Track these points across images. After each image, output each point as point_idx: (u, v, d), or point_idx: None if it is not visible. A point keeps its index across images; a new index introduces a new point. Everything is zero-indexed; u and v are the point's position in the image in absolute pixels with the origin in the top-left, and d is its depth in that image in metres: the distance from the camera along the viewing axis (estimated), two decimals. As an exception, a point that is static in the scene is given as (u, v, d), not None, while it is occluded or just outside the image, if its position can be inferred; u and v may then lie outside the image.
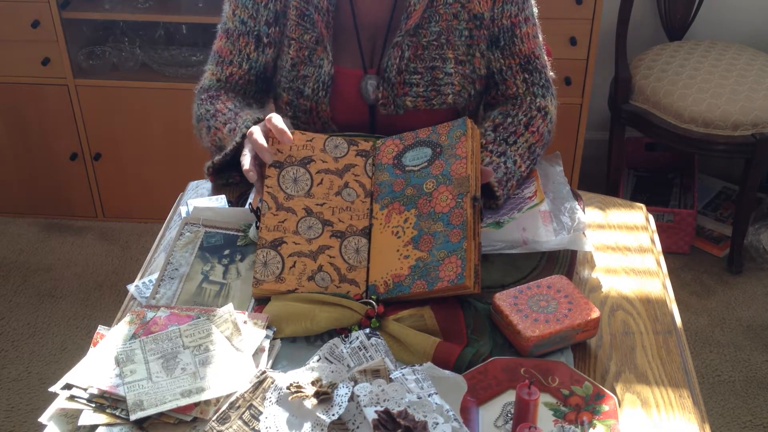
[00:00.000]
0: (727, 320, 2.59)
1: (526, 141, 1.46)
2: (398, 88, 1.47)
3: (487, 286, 1.26)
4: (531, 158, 1.46)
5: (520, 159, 1.43)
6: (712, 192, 3.06)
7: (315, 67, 1.49)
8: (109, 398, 1.05)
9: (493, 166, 1.38)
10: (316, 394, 0.97)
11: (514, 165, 1.42)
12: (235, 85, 1.55)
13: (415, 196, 1.28)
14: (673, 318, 1.26)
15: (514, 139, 1.45)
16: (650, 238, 1.44)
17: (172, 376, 1.07)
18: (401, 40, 1.45)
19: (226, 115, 1.46)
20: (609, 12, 2.75)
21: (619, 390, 1.13)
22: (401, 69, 1.46)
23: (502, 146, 1.43)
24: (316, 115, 1.51)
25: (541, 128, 1.49)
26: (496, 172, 1.37)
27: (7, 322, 2.60)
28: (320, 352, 1.07)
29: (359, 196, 1.31)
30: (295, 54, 1.50)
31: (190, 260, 1.29)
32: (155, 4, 2.71)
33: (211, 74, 1.58)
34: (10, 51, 2.72)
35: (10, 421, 2.26)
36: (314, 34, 1.47)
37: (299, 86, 1.51)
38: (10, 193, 3.00)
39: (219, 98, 1.52)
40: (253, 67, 1.54)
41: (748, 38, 2.95)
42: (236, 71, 1.54)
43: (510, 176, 1.40)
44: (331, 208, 1.28)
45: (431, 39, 1.46)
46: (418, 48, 1.46)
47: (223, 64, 1.55)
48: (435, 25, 1.46)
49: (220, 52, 1.56)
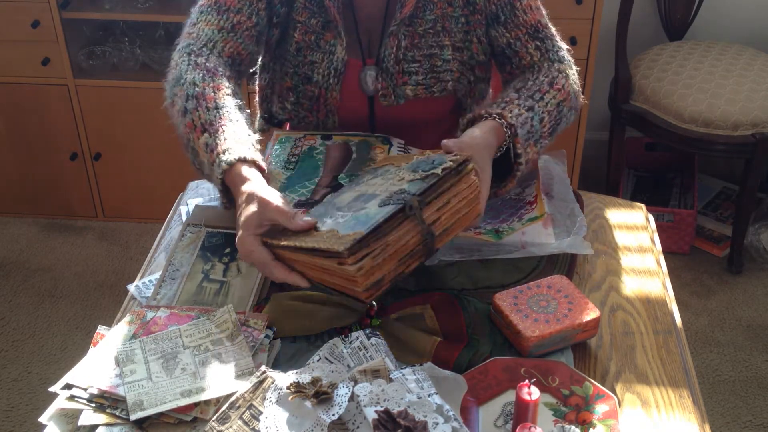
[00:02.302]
0: (727, 320, 2.59)
1: (553, 97, 1.39)
2: (397, 78, 1.46)
3: (487, 286, 1.26)
4: (558, 118, 1.39)
5: (547, 116, 1.36)
6: (712, 192, 3.05)
7: (324, 53, 1.46)
8: (109, 398, 1.05)
9: (521, 120, 1.30)
10: (316, 394, 0.97)
11: (540, 123, 1.35)
12: (239, 38, 1.41)
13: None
14: (673, 318, 1.26)
15: (540, 96, 1.38)
16: (650, 238, 1.44)
17: (172, 376, 1.07)
18: (397, 29, 1.44)
19: (210, 114, 1.28)
20: (609, 12, 2.75)
21: (619, 390, 1.13)
22: (399, 58, 1.45)
23: (529, 101, 1.36)
24: (323, 102, 1.49)
25: (566, 87, 1.42)
26: (522, 128, 1.30)
27: (7, 322, 2.60)
28: (320, 352, 1.07)
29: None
30: (301, 38, 1.47)
31: (191, 260, 1.29)
32: (155, 4, 2.71)
33: (207, 24, 1.41)
34: (10, 51, 2.72)
35: (10, 421, 2.26)
36: (321, 19, 1.45)
37: (307, 72, 1.48)
38: (10, 193, 3.00)
39: (212, 76, 1.33)
40: (258, 25, 1.43)
41: (748, 38, 2.95)
42: (245, 21, 1.41)
43: (533, 135, 1.33)
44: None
45: (427, 27, 1.45)
46: (415, 36, 1.45)
47: (229, 12, 1.41)
48: (430, 13, 1.45)
49: (223, 2, 1.41)
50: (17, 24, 2.66)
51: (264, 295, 1.24)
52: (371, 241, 1.02)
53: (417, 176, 1.12)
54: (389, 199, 1.08)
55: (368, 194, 1.14)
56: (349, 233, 1.03)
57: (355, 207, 1.12)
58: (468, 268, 1.29)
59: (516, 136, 1.28)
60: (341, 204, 1.16)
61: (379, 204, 1.08)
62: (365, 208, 1.09)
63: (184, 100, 1.30)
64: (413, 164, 1.17)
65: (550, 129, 1.37)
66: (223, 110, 1.28)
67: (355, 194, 1.17)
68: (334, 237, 1.05)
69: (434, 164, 1.13)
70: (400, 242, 1.06)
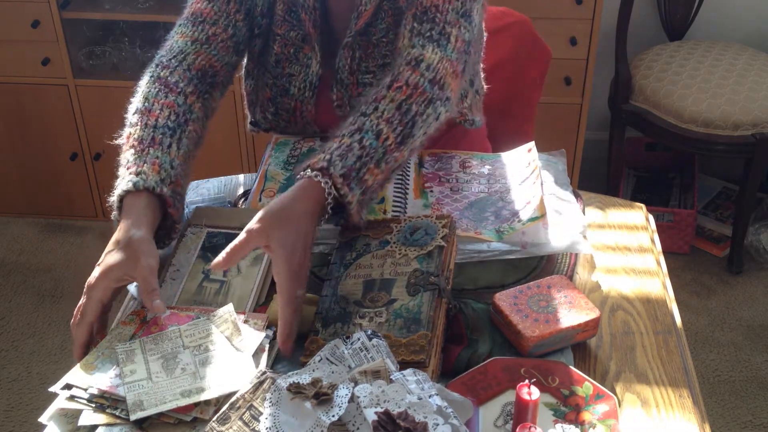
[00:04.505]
0: (727, 320, 2.59)
1: (391, 100, 1.21)
2: (352, 89, 1.44)
3: (487, 286, 1.26)
4: (408, 120, 1.21)
5: (387, 126, 1.18)
6: (712, 192, 3.06)
7: (302, 66, 1.46)
8: (109, 398, 1.05)
9: (338, 153, 1.15)
10: (316, 395, 0.97)
11: (378, 138, 1.17)
12: (213, 50, 1.37)
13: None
14: (673, 318, 1.26)
15: (374, 106, 1.21)
16: (650, 238, 1.44)
17: (172, 376, 1.07)
18: (351, 40, 1.41)
19: (145, 131, 1.24)
20: (609, 12, 2.75)
21: (619, 390, 1.13)
22: (353, 69, 1.43)
23: (360, 120, 1.20)
24: (300, 115, 1.49)
25: (411, 80, 1.24)
26: (342, 161, 1.14)
27: (7, 322, 2.60)
28: (321, 352, 1.07)
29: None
30: (280, 50, 1.46)
31: (192, 260, 1.29)
32: (155, 4, 2.71)
33: (182, 36, 1.38)
34: (10, 51, 2.72)
35: (10, 421, 2.26)
36: (300, 32, 1.44)
37: (284, 84, 1.47)
38: (10, 193, 3.00)
39: (168, 92, 1.29)
40: (236, 36, 1.40)
41: (748, 38, 2.95)
42: (220, 33, 1.38)
43: (371, 157, 1.17)
44: None
45: (380, 36, 1.42)
46: (369, 47, 1.43)
47: (205, 23, 1.37)
48: (382, 21, 1.41)
49: (199, 13, 1.38)
50: (17, 24, 2.66)
51: (264, 297, 1.24)
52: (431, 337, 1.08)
53: (421, 251, 1.17)
54: (416, 285, 1.13)
55: (381, 280, 1.16)
56: (412, 336, 1.07)
57: (378, 298, 1.14)
58: (468, 268, 1.29)
59: (330, 176, 1.14)
60: (354, 296, 1.15)
61: (408, 291, 1.13)
62: (395, 299, 1.12)
63: (132, 112, 1.29)
64: (405, 238, 1.20)
65: (399, 137, 1.20)
66: (158, 131, 1.25)
67: (361, 281, 1.17)
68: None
69: (428, 233, 1.19)
70: (441, 320, 1.12)
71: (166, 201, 1.20)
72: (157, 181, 1.18)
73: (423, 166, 1.48)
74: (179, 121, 1.28)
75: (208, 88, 1.38)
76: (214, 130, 1.44)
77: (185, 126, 1.29)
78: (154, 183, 1.18)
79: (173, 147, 1.24)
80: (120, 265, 1.11)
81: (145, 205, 1.17)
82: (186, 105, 1.31)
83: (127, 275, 1.11)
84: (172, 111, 1.28)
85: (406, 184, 1.42)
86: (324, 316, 1.13)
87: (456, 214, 1.36)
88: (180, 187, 1.24)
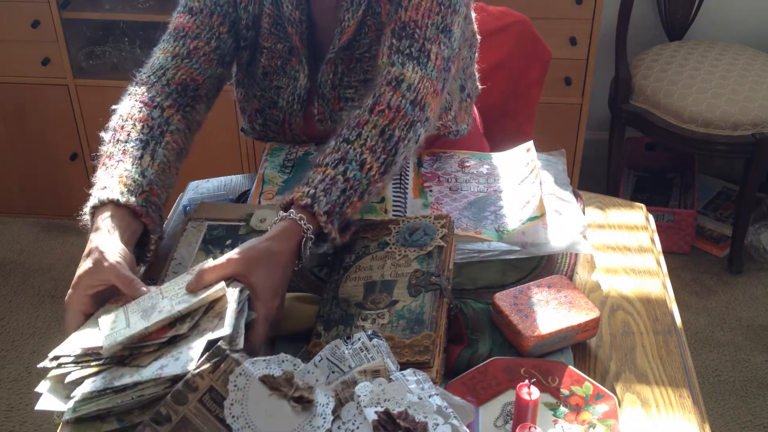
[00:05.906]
0: (727, 320, 2.59)
1: (374, 126, 1.20)
2: (334, 104, 1.44)
3: (487, 286, 1.26)
4: (391, 147, 1.20)
5: (370, 155, 1.17)
6: (712, 192, 3.06)
7: (290, 78, 1.45)
8: (92, 354, 1.04)
9: (322, 188, 1.13)
10: (299, 399, 0.95)
11: (361, 169, 1.16)
12: (194, 64, 1.36)
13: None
14: (673, 318, 1.26)
15: (358, 132, 1.19)
16: (650, 238, 1.44)
17: (149, 320, 1.04)
18: (334, 56, 1.41)
19: (116, 146, 1.25)
20: (609, 12, 2.75)
21: (619, 390, 1.13)
22: (335, 84, 1.43)
23: (343, 148, 1.18)
24: (288, 127, 1.48)
25: (393, 102, 1.22)
26: (326, 196, 1.13)
27: (7, 322, 2.60)
28: (322, 352, 1.06)
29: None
30: (267, 63, 1.45)
31: (194, 253, 1.29)
32: (155, 4, 2.71)
33: (163, 52, 1.37)
34: (10, 51, 2.72)
35: (10, 421, 2.26)
36: (287, 44, 1.43)
37: (272, 96, 1.47)
38: (10, 193, 3.00)
39: (142, 107, 1.30)
40: (219, 48, 1.39)
41: (748, 38, 2.95)
42: (202, 47, 1.37)
43: (355, 189, 1.16)
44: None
45: (363, 51, 1.41)
46: (351, 61, 1.42)
47: (186, 38, 1.36)
48: (365, 36, 1.40)
49: (181, 28, 1.38)
50: (17, 24, 2.66)
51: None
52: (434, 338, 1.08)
53: (421, 252, 1.17)
54: (418, 286, 1.13)
55: (381, 281, 1.15)
56: (416, 337, 1.07)
57: (379, 300, 1.13)
58: (468, 268, 1.29)
59: (314, 215, 1.13)
60: (355, 299, 1.14)
61: (410, 292, 1.12)
62: (396, 300, 1.12)
63: (108, 130, 1.30)
64: (404, 239, 1.20)
65: (382, 166, 1.19)
66: (129, 145, 1.25)
67: (362, 283, 1.16)
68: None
69: (427, 233, 1.19)
70: (443, 320, 1.12)
71: (136, 210, 1.18)
72: (123, 192, 1.18)
73: (422, 165, 1.49)
74: (153, 133, 1.28)
75: (189, 101, 1.37)
76: (214, 131, 1.44)
77: (160, 138, 1.28)
78: (119, 194, 1.17)
79: (145, 158, 1.24)
80: (88, 273, 1.10)
81: (111, 216, 1.16)
82: (162, 118, 1.30)
83: (99, 280, 1.10)
84: (145, 124, 1.28)
85: (405, 183, 1.43)
86: (326, 319, 1.13)
87: (455, 214, 1.36)
88: (156, 197, 1.22)
